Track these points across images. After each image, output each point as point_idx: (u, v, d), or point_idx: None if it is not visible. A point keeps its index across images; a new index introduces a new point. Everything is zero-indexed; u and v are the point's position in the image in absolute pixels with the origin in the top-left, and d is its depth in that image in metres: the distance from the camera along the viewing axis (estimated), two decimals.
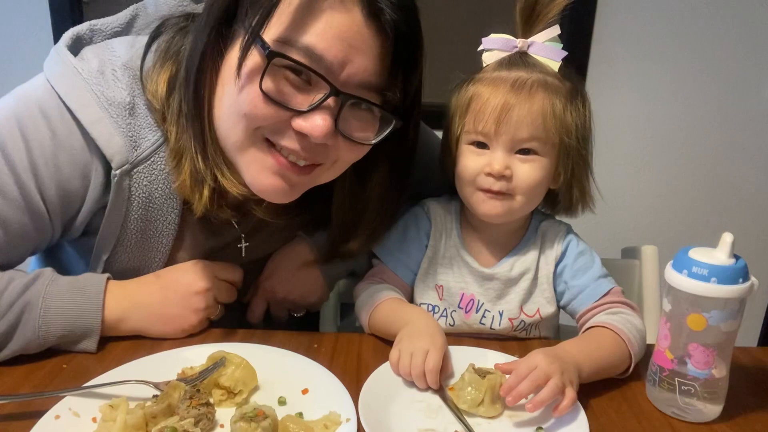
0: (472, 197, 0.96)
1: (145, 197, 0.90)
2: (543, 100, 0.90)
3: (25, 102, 0.87)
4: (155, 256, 0.96)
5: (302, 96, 0.79)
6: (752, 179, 2.29)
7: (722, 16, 2.11)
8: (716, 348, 0.78)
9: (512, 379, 0.79)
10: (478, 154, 0.94)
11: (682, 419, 0.80)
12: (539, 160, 0.93)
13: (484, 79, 0.93)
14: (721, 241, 0.76)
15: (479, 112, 0.92)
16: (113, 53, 0.91)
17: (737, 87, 2.19)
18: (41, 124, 0.85)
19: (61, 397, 0.76)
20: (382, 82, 0.82)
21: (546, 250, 1.01)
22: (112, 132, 0.86)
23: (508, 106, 0.89)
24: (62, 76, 0.87)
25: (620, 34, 2.12)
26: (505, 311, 1.00)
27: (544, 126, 0.90)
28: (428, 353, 0.83)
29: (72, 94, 0.86)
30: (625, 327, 0.89)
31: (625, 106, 2.17)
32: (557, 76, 0.93)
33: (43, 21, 2.13)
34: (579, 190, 0.98)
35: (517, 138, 0.91)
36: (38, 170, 0.85)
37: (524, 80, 0.90)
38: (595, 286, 0.97)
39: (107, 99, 0.87)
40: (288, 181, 0.85)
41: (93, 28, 0.96)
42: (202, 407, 0.74)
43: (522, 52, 0.94)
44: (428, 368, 0.82)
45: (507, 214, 0.95)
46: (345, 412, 0.76)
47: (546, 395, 0.76)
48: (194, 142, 0.86)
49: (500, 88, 0.91)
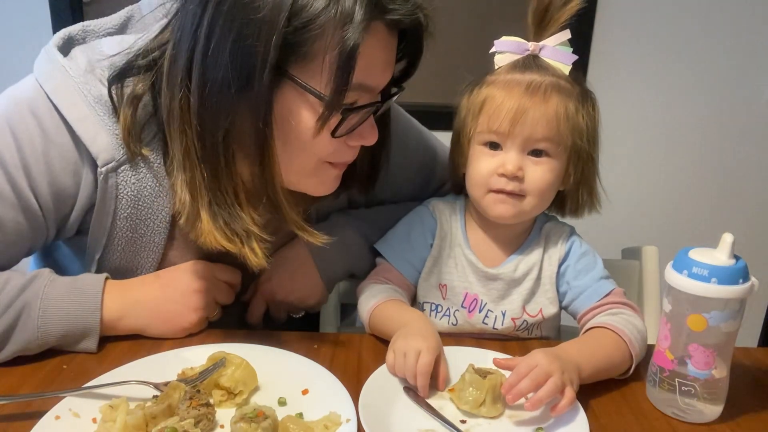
0: (483, 199, 0.97)
1: (134, 195, 0.90)
2: (557, 103, 0.91)
3: (15, 102, 0.87)
4: (148, 255, 0.96)
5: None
6: (752, 179, 2.29)
7: (722, 16, 2.11)
8: (716, 348, 0.77)
9: (512, 378, 0.79)
10: (491, 155, 0.94)
11: (682, 420, 0.80)
12: (551, 162, 0.93)
13: (498, 82, 0.94)
14: (722, 241, 0.76)
15: (494, 114, 0.92)
16: (102, 52, 0.91)
17: (738, 87, 2.19)
18: (31, 123, 0.86)
19: (61, 397, 0.77)
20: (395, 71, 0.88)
21: (550, 251, 1.01)
22: (98, 130, 0.86)
23: (523, 108, 0.90)
24: (50, 74, 0.88)
25: (620, 34, 2.12)
26: (508, 311, 1.00)
27: (558, 128, 0.91)
28: (420, 354, 0.82)
29: (59, 92, 0.86)
30: (626, 328, 0.89)
31: (625, 106, 2.17)
32: (568, 80, 0.94)
33: (43, 21, 2.12)
34: (587, 192, 0.99)
35: (532, 138, 0.91)
36: (30, 168, 0.85)
37: (538, 83, 0.91)
38: (597, 287, 0.98)
39: (94, 97, 0.87)
40: (338, 176, 0.92)
41: (86, 29, 0.96)
42: (203, 408, 0.74)
43: (533, 55, 0.94)
44: (419, 370, 0.81)
45: (518, 215, 0.96)
46: (345, 412, 0.76)
47: (545, 394, 0.76)
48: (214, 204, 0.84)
49: (515, 91, 0.91)
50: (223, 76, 0.76)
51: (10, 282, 0.86)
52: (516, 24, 0.96)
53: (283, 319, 1.10)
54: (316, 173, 0.89)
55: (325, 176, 0.90)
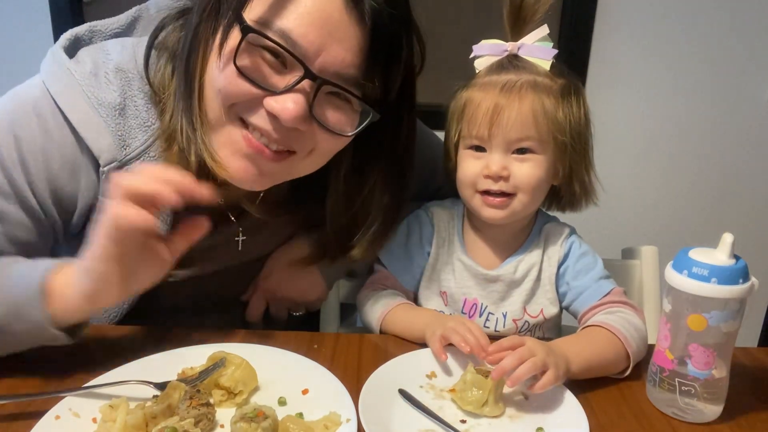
0: (472, 201, 0.97)
1: None
2: (533, 101, 0.91)
3: (19, 101, 0.89)
4: None
5: (278, 77, 0.80)
6: (752, 179, 2.29)
7: (723, 15, 2.11)
8: (716, 348, 0.77)
9: (499, 354, 0.81)
10: (476, 158, 0.95)
11: (682, 419, 0.81)
12: (536, 159, 0.93)
13: (476, 85, 0.95)
14: (722, 241, 0.76)
15: (473, 117, 0.93)
16: (107, 55, 0.92)
17: (738, 86, 2.19)
18: (33, 122, 0.86)
19: (61, 397, 0.77)
20: (359, 75, 0.81)
21: (549, 251, 1.01)
22: (100, 131, 0.87)
23: (498, 108, 0.91)
24: (55, 76, 0.89)
25: (620, 34, 2.12)
26: (509, 312, 1.00)
27: (536, 125, 0.91)
28: (465, 323, 0.87)
29: (64, 94, 0.87)
30: (621, 326, 0.89)
31: (625, 105, 2.17)
32: (548, 75, 0.94)
33: (43, 21, 2.12)
34: (579, 185, 0.99)
35: (511, 138, 0.92)
36: (27, 165, 0.86)
37: (513, 82, 0.92)
38: (597, 287, 0.98)
39: (98, 100, 0.88)
40: (258, 166, 0.84)
41: (93, 29, 0.96)
42: (203, 407, 0.74)
43: (512, 54, 0.95)
44: (475, 334, 0.86)
45: (510, 215, 0.96)
46: (345, 412, 0.76)
47: (525, 370, 0.78)
48: (183, 118, 0.86)
49: (490, 92, 0.92)
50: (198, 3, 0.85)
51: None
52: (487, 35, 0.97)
53: (284, 317, 1.10)
54: (226, 124, 0.83)
55: (233, 142, 0.83)
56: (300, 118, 0.79)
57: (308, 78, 0.78)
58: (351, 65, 0.79)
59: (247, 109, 0.82)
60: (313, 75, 0.78)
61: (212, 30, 0.83)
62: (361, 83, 0.82)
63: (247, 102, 0.81)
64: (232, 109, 0.82)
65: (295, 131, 0.81)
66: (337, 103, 0.83)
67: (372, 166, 0.95)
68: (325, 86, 0.79)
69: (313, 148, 0.85)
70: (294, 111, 0.78)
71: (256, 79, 0.79)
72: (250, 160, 0.84)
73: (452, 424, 0.78)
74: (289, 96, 0.79)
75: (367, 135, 0.87)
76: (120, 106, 0.89)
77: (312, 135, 0.83)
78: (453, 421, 0.79)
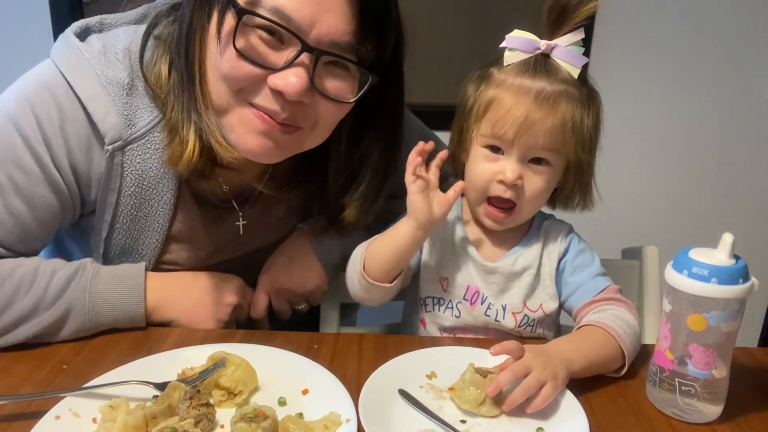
0: (478, 206, 0.98)
1: (138, 174, 0.94)
2: (564, 113, 0.91)
3: (33, 82, 0.92)
4: (152, 236, 0.99)
5: (277, 54, 0.82)
6: (752, 179, 2.29)
7: (723, 16, 2.11)
8: (716, 348, 0.78)
9: (500, 350, 0.82)
10: (491, 160, 0.94)
11: (682, 420, 0.80)
12: (549, 172, 0.94)
13: (507, 85, 0.92)
14: (722, 241, 0.76)
15: (500, 120, 0.91)
16: (117, 38, 0.95)
17: (738, 87, 2.18)
18: (48, 99, 0.89)
19: (61, 397, 0.77)
20: (354, 41, 0.83)
21: (549, 247, 1.02)
22: (108, 109, 0.90)
23: (531, 120, 0.89)
24: (66, 55, 0.92)
25: (620, 34, 2.12)
26: (508, 305, 1.00)
27: (563, 138, 0.92)
28: None
29: (73, 70, 0.90)
30: (614, 323, 0.89)
31: (625, 106, 2.17)
32: (576, 84, 0.92)
33: (43, 21, 2.12)
34: (581, 192, 1.00)
35: (536, 147, 0.91)
36: (50, 142, 0.89)
37: (548, 93, 0.90)
38: (593, 284, 0.98)
39: (107, 78, 0.90)
40: (274, 140, 0.87)
41: (103, 21, 0.99)
42: (203, 408, 0.74)
43: (544, 54, 0.92)
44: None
45: (509, 223, 0.99)
46: (345, 412, 0.76)
47: (520, 394, 0.78)
48: (187, 106, 0.88)
49: (523, 100, 0.90)
50: None
51: (57, 273, 0.90)
52: (516, 24, 0.95)
53: (286, 311, 1.11)
54: (235, 107, 0.85)
55: (247, 121, 0.85)
56: (303, 90, 0.82)
57: (306, 51, 0.80)
58: (345, 32, 0.81)
59: (252, 92, 0.84)
60: (310, 47, 0.80)
61: (206, 17, 0.85)
62: (357, 48, 0.84)
63: (252, 85, 0.83)
64: (239, 93, 0.84)
65: (299, 105, 0.84)
66: (336, 72, 0.85)
67: (367, 126, 0.98)
68: (324, 56, 0.82)
69: (316, 120, 0.88)
70: (298, 84, 0.81)
71: (255, 59, 0.81)
72: (266, 135, 0.86)
73: (452, 424, 0.78)
74: (290, 71, 0.81)
75: (362, 98, 0.89)
76: (128, 84, 0.91)
77: (314, 107, 0.86)
78: (453, 421, 0.79)
